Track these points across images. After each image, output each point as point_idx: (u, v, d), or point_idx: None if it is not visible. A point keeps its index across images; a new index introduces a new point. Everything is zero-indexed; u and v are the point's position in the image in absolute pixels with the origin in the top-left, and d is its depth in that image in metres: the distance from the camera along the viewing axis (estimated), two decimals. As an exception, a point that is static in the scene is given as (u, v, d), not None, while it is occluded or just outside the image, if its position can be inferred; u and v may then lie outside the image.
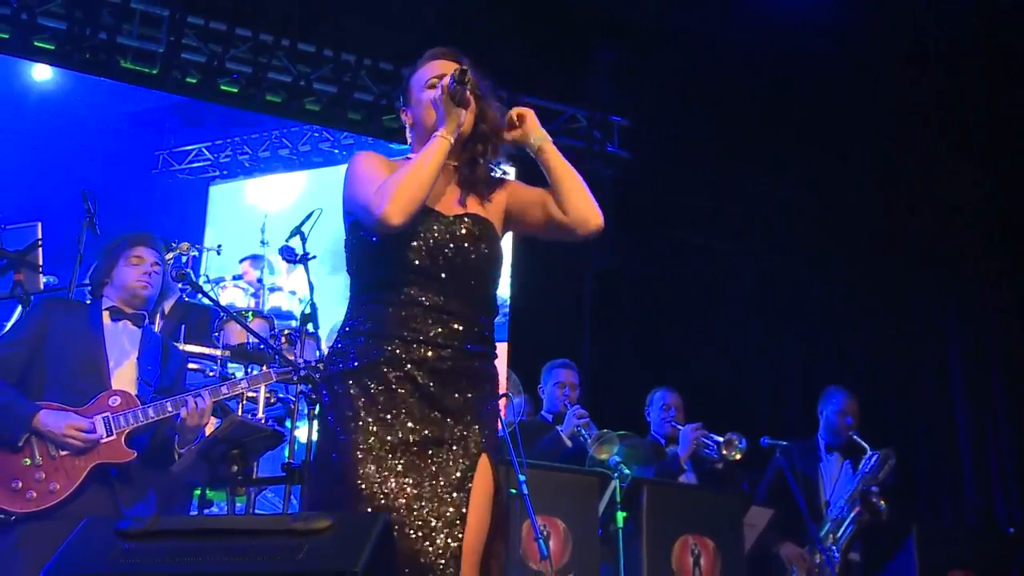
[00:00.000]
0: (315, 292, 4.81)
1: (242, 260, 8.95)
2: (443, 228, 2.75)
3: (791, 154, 7.92)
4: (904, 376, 7.82)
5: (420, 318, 2.71)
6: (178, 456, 4.14)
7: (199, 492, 4.60)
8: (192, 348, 5.20)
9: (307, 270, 5.12)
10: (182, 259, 5.48)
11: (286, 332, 5.32)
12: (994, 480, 7.10)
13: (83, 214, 5.07)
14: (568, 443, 5.82)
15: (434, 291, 2.72)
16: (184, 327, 5.47)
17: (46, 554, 2.19)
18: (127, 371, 4.20)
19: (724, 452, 5.95)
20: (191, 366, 4.96)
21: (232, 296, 7.78)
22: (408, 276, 2.72)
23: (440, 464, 2.66)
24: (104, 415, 4.02)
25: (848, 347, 8.14)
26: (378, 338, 2.71)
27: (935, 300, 7.75)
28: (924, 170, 7.55)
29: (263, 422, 4.71)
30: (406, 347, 2.70)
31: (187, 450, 4.16)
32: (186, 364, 4.72)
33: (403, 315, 2.71)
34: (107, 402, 4.05)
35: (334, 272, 7.86)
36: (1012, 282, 7.23)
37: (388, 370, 2.69)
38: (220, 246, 6.51)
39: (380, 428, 2.65)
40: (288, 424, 4.90)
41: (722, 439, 5.97)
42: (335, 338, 2.84)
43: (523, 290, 7.83)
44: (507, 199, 2.92)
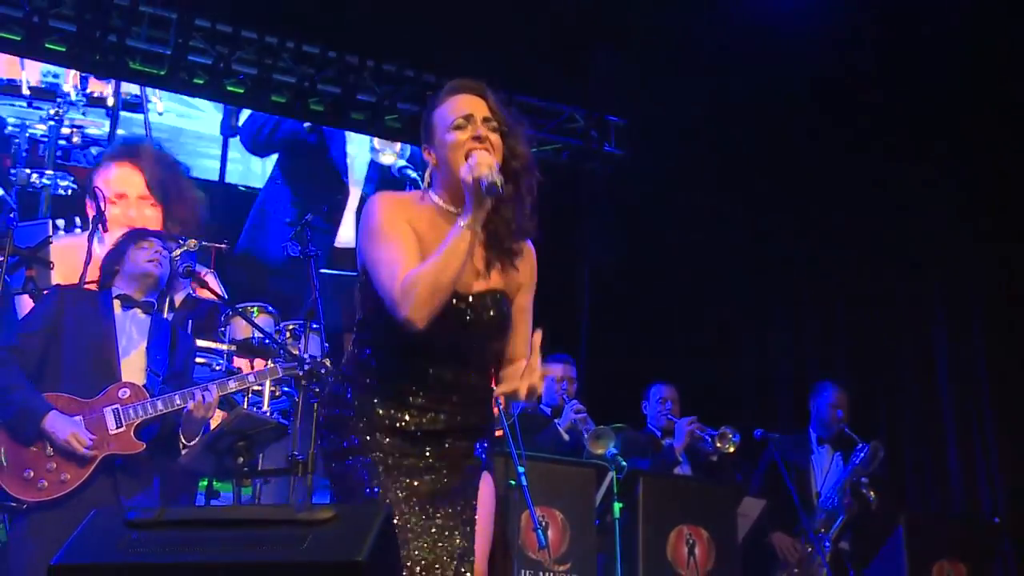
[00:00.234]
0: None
1: None
2: (456, 308, 2.63)
3: (784, 153, 7.93)
4: (893, 371, 7.82)
5: (421, 388, 2.68)
6: (183, 447, 4.15)
7: (206, 483, 4.61)
8: (200, 342, 5.20)
9: (311, 267, 5.12)
10: (190, 256, 5.46)
11: (291, 327, 5.32)
12: (980, 471, 7.10)
13: (96, 213, 5.07)
14: (566, 436, 5.83)
15: (438, 364, 2.67)
16: (191, 321, 5.47)
17: (57, 543, 2.20)
18: (136, 361, 4.22)
19: (718, 445, 5.96)
20: (199, 360, 4.96)
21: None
22: (413, 348, 2.64)
23: (449, 482, 2.69)
24: (114, 407, 4.03)
25: (838, 342, 8.14)
26: (379, 394, 2.68)
27: (922, 296, 7.75)
28: (911, 168, 7.55)
29: (268, 415, 4.71)
30: (403, 410, 2.67)
31: (192, 441, 4.17)
32: (195, 350, 4.72)
33: (405, 382, 2.68)
34: (117, 394, 4.06)
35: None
36: (996, 276, 7.23)
37: (384, 423, 2.66)
38: (226, 241, 6.49)
39: (385, 457, 2.65)
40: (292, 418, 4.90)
41: (716, 432, 5.99)
42: (335, 379, 2.83)
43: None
44: (518, 283, 2.80)
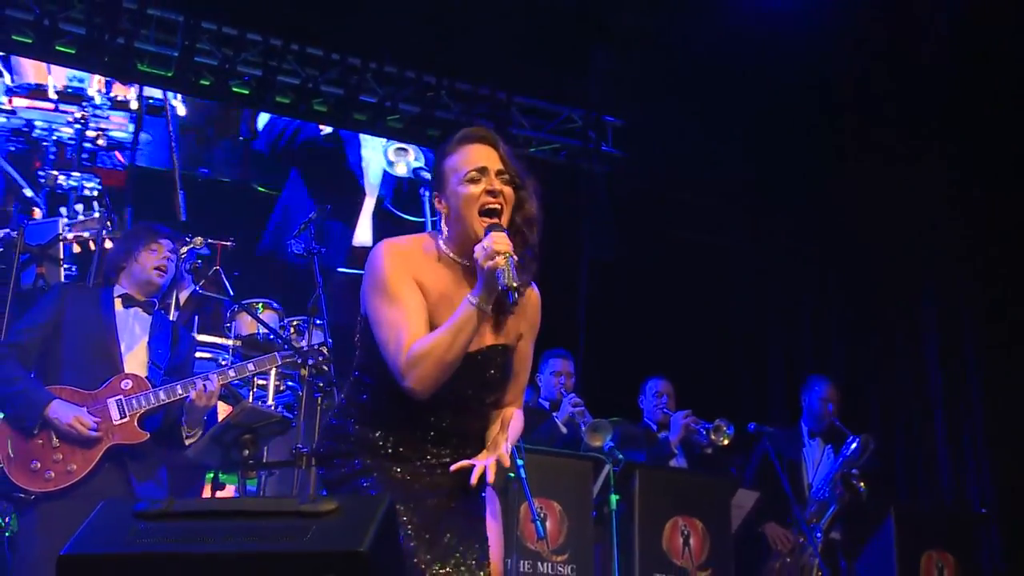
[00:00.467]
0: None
1: None
2: (465, 365, 2.57)
3: (777, 153, 7.92)
4: (883, 366, 7.83)
5: (419, 435, 2.66)
6: (185, 437, 4.15)
7: (212, 475, 4.61)
8: (205, 338, 5.21)
9: (315, 264, 5.12)
10: (195, 253, 5.46)
11: (295, 323, 5.33)
12: (968, 464, 7.11)
13: (105, 212, 5.08)
14: (563, 429, 5.82)
15: (437, 415, 2.65)
16: (198, 317, 5.47)
17: (66, 534, 2.19)
18: (138, 354, 4.21)
19: (713, 438, 5.96)
20: (205, 355, 4.96)
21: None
22: (413, 399, 2.58)
23: (454, 523, 2.68)
24: (117, 398, 4.03)
25: (829, 338, 8.15)
26: (376, 433, 2.66)
27: (913, 296, 7.75)
28: (904, 169, 7.55)
29: (273, 409, 4.71)
30: (401, 452, 2.66)
31: (195, 431, 4.16)
32: (195, 346, 4.72)
33: (403, 428, 2.66)
34: (119, 385, 4.06)
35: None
36: (985, 276, 7.23)
37: (384, 462, 2.64)
38: (233, 239, 6.50)
39: (385, 476, 2.63)
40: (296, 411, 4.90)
41: (711, 425, 5.98)
42: (333, 412, 2.80)
43: (521, 283, 7.81)
44: (520, 332, 2.77)
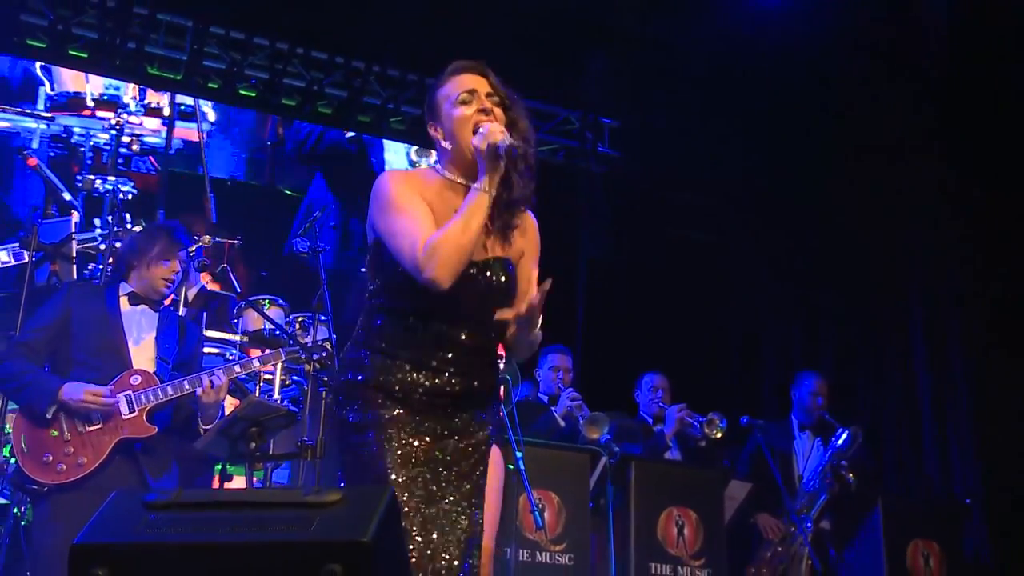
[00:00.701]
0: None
1: None
2: (468, 271, 2.63)
3: (772, 152, 7.93)
4: (871, 360, 7.83)
5: (435, 349, 2.67)
6: (202, 431, 4.16)
7: (220, 467, 4.62)
8: (213, 333, 5.22)
9: (320, 262, 5.13)
10: (203, 251, 5.47)
11: (300, 319, 5.34)
12: (953, 456, 7.12)
13: (116, 212, 5.10)
14: (562, 423, 5.83)
15: (451, 325, 2.67)
16: (205, 314, 5.48)
17: (78, 524, 2.20)
18: (146, 350, 4.20)
19: (707, 431, 5.96)
20: (212, 350, 4.97)
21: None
22: (427, 309, 2.65)
23: (457, 467, 2.67)
24: (126, 393, 4.03)
25: (820, 334, 8.15)
26: (393, 357, 2.66)
27: (901, 293, 7.75)
28: (892, 165, 7.55)
29: (279, 403, 4.72)
30: (417, 371, 2.66)
31: (210, 425, 4.17)
32: (203, 340, 4.71)
33: (419, 343, 2.67)
34: (129, 381, 4.06)
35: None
36: (971, 275, 7.23)
37: (398, 388, 2.65)
38: (239, 237, 6.52)
39: (398, 433, 2.63)
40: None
41: (705, 419, 5.99)
42: (349, 346, 2.78)
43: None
44: (521, 250, 2.82)
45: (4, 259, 4.91)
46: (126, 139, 7.13)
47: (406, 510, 2.55)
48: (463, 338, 2.69)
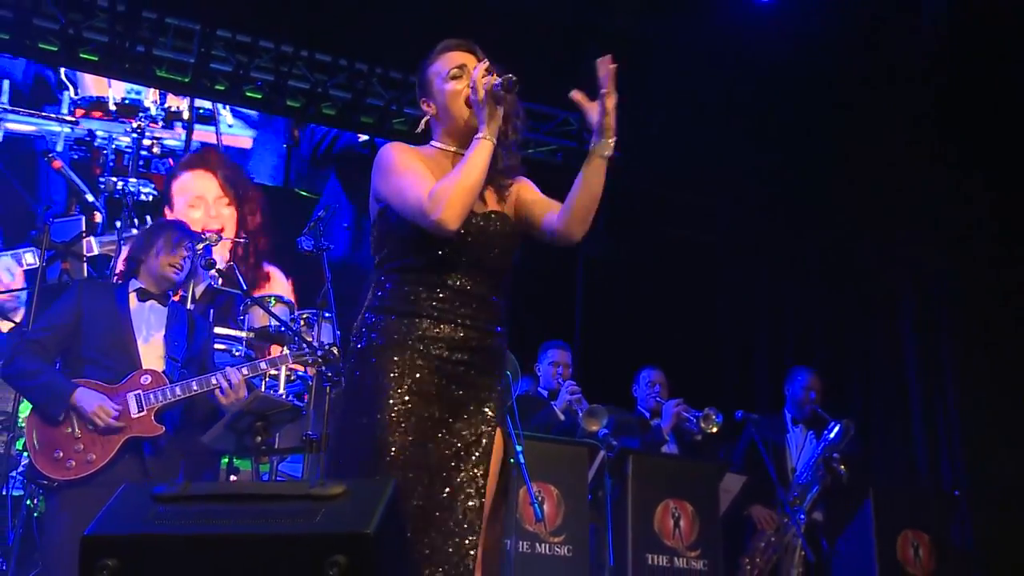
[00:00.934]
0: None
1: None
2: (472, 222, 2.69)
3: (766, 152, 7.93)
4: (863, 357, 7.84)
5: (448, 301, 2.68)
6: None
7: (227, 460, 4.62)
8: (219, 330, 5.21)
9: (324, 260, 5.12)
10: (211, 248, 5.46)
11: (304, 316, 5.33)
12: (941, 450, 7.13)
13: (126, 211, 5.10)
14: (561, 417, 5.82)
15: (461, 277, 2.70)
16: (212, 311, 5.47)
17: (88, 517, 2.20)
18: (155, 348, 4.20)
19: (703, 425, 5.96)
20: (219, 346, 4.96)
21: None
22: (438, 263, 2.69)
23: (462, 434, 2.65)
24: (136, 392, 4.03)
25: (812, 331, 8.16)
26: (408, 316, 2.67)
27: (892, 291, 7.77)
28: (887, 165, 7.55)
29: (284, 398, 4.72)
30: (433, 326, 2.67)
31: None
32: (213, 336, 4.70)
33: (432, 297, 2.68)
34: (139, 380, 4.06)
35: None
36: (959, 275, 7.24)
37: (415, 347, 2.64)
38: (246, 236, 6.53)
39: (409, 399, 2.61)
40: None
41: (701, 413, 5.98)
42: (359, 317, 2.78)
43: (519, 276, 7.82)
44: (517, 194, 2.88)
45: (31, 261, 4.92)
46: (147, 142, 7.18)
47: (415, 454, 2.55)
48: (473, 289, 2.72)
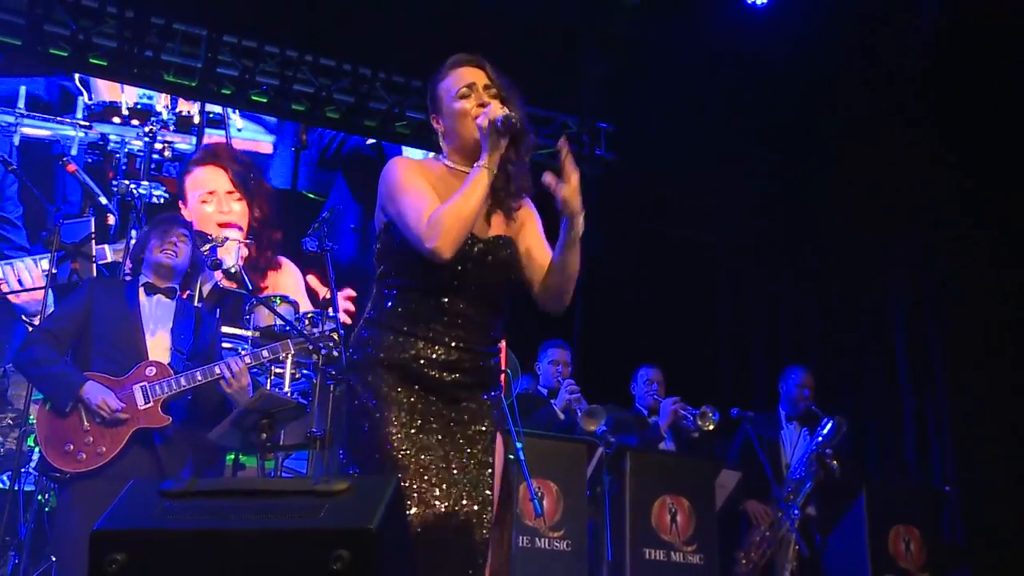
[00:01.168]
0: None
1: None
2: (474, 248, 2.68)
3: (761, 154, 7.93)
4: (855, 356, 7.84)
5: (446, 324, 2.68)
6: None
7: (233, 457, 4.63)
8: (226, 329, 5.21)
9: (328, 261, 5.12)
10: (217, 249, 5.47)
11: (309, 315, 5.33)
12: (932, 446, 7.13)
13: (134, 213, 5.10)
14: (561, 415, 5.82)
15: (462, 302, 2.69)
16: (219, 310, 5.48)
17: (98, 511, 2.21)
18: (161, 341, 4.23)
19: (700, 423, 5.96)
20: (226, 345, 4.96)
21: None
22: (439, 286, 2.67)
23: (462, 443, 2.67)
24: (142, 384, 4.05)
25: (806, 330, 8.16)
26: (405, 335, 2.67)
27: (883, 291, 7.76)
28: (883, 165, 7.54)
29: (289, 396, 4.72)
30: (428, 346, 2.67)
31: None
32: (220, 331, 4.72)
33: (431, 319, 2.68)
34: (144, 372, 4.08)
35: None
36: (949, 275, 7.23)
37: (409, 366, 2.65)
38: (251, 238, 6.54)
39: (406, 410, 2.62)
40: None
41: (698, 411, 5.98)
42: (360, 326, 2.79)
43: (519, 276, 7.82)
44: (523, 224, 2.84)
45: (46, 267, 4.94)
46: (158, 146, 7.21)
47: (420, 461, 2.56)
48: (470, 313, 2.70)
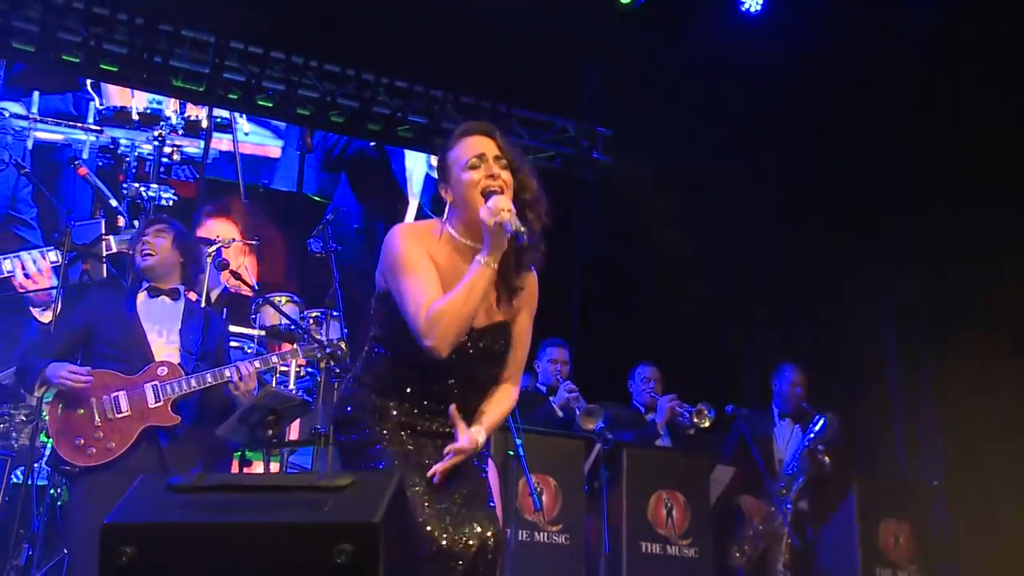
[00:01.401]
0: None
1: None
2: (467, 341, 2.61)
3: (756, 157, 7.93)
4: (846, 354, 7.83)
5: (435, 402, 2.67)
6: None
7: (239, 453, 4.64)
8: (233, 328, 5.23)
9: (332, 261, 5.14)
10: (222, 252, 5.48)
11: (314, 315, 5.35)
12: (921, 442, 7.13)
13: (143, 215, 5.12)
14: (559, 413, 5.83)
15: (455, 390, 2.66)
16: (226, 310, 5.50)
17: (109, 505, 2.22)
18: (169, 342, 4.24)
19: (696, 420, 5.96)
20: (232, 344, 4.98)
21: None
22: (431, 368, 2.61)
23: (460, 486, 2.65)
24: (153, 383, 4.07)
25: (799, 328, 8.15)
26: (392, 404, 2.66)
27: (873, 290, 7.75)
28: (867, 169, 7.54)
29: (294, 393, 4.73)
30: (416, 419, 2.67)
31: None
32: (228, 334, 4.73)
33: (420, 395, 2.67)
34: (156, 371, 4.10)
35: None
36: (938, 274, 7.22)
37: (397, 429, 2.65)
38: (257, 239, 6.55)
39: (401, 447, 2.64)
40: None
41: (694, 408, 5.99)
42: (349, 380, 2.78)
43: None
44: (519, 308, 2.76)
45: (54, 259, 4.98)
46: (167, 149, 7.23)
47: (417, 490, 2.55)
48: (459, 393, 2.67)
